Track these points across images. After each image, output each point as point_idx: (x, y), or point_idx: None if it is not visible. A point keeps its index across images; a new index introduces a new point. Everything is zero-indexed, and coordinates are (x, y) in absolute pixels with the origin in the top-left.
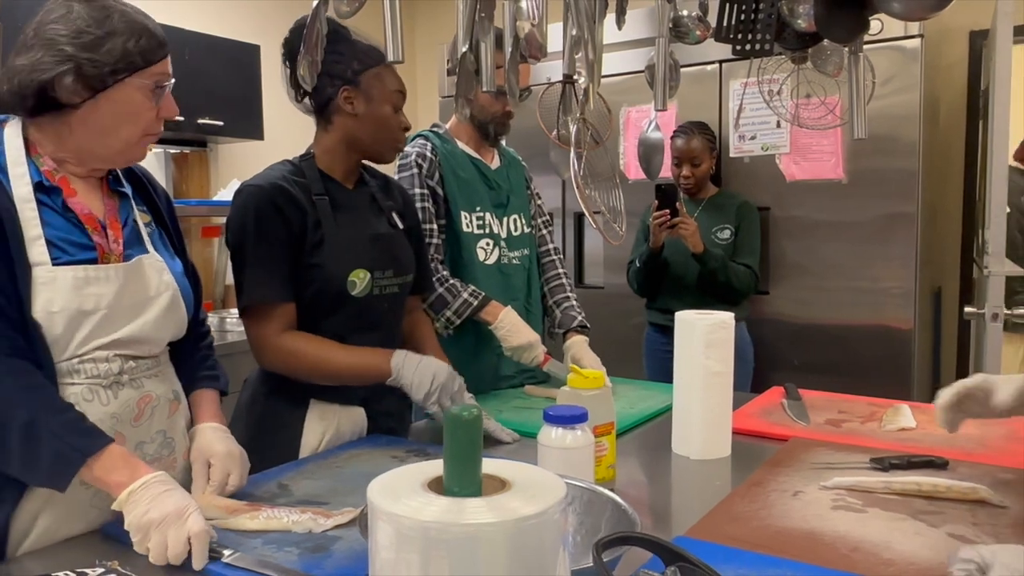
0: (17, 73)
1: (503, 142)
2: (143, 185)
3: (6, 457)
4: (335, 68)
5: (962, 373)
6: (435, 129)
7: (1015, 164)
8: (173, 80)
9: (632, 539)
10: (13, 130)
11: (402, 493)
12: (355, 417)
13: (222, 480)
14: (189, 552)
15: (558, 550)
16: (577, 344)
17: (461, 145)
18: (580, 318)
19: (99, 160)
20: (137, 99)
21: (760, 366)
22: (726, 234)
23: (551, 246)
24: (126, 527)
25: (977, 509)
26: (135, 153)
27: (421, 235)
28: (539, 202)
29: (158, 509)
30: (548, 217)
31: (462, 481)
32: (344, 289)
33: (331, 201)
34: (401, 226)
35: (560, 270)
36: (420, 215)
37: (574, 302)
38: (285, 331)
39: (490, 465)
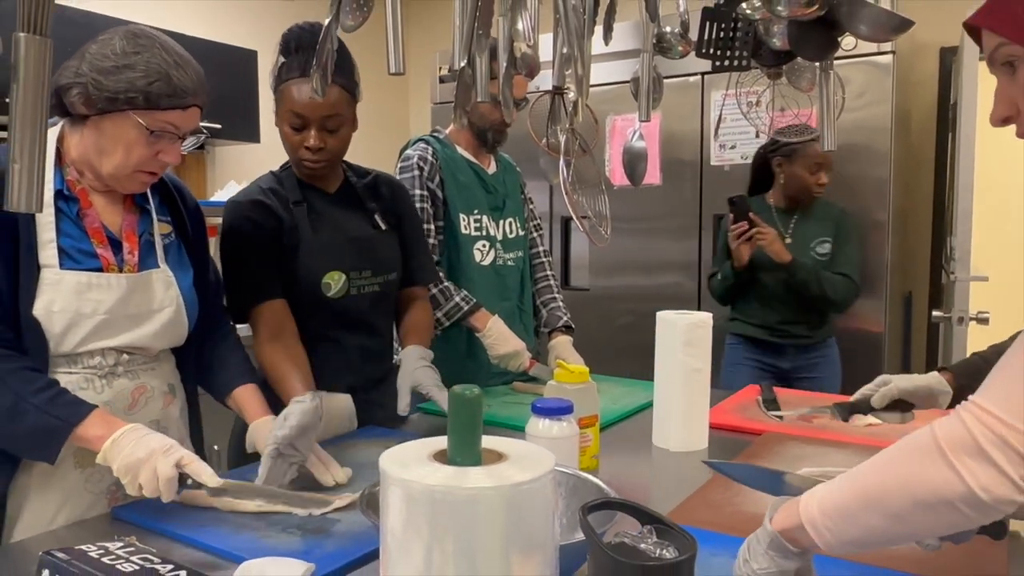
0: (57, 73)
1: (539, 157)
2: (171, 195)
3: None
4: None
5: None
6: (435, 134)
7: None
8: (186, 132)
9: (614, 504)
10: (48, 137)
11: (411, 463)
12: (342, 404)
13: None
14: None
15: (549, 514)
16: (561, 344)
17: (460, 150)
18: (565, 319)
19: (97, 177)
20: (131, 134)
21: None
22: (825, 248)
23: (541, 248)
24: (115, 472)
25: None
26: (127, 183)
27: (417, 228)
28: (531, 206)
29: (143, 448)
30: (539, 221)
31: (464, 452)
32: (319, 291)
33: (309, 207)
34: (384, 226)
35: (548, 272)
36: (419, 215)
37: (560, 303)
38: (269, 339)
39: (489, 440)
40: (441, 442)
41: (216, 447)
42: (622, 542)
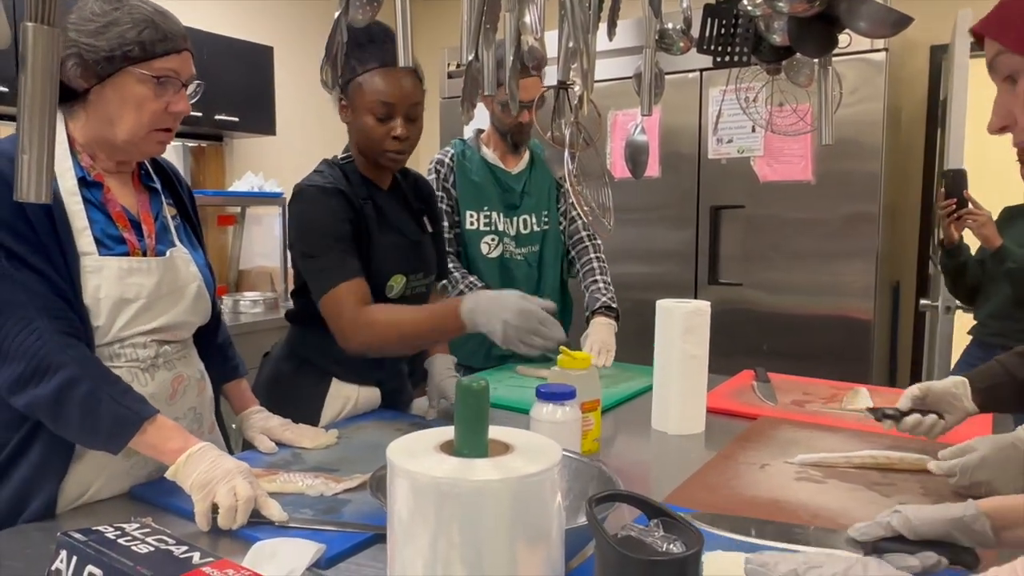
0: None
1: (542, 147)
2: (169, 179)
3: (65, 425)
4: (342, 76)
5: (917, 360)
6: (466, 137)
7: None
8: (187, 79)
9: (620, 496)
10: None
11: (418, 453)
12: (371, 396)
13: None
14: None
15: (555, 505)
16: (595, 327)
17: (486, 151)
18: (604, 299)
19: (112, 150)
20: (138, 91)
21: (732, 351)
22: None
23: (584, 233)
24: (188, 488)
25: (927, 480)
26: (146, 146)
27: (442, 229)
28: (572, 199)
29: (219, 468)
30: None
31: (471, 444)
32: (382, 292)
33: (373, 204)
34: (431, 229)
35: (592, 255)
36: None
37: (602, 285)
38: (360, 307)
39: (496, 431)
40: (448, 433)
41: (233, 425)
42: (628, 536)
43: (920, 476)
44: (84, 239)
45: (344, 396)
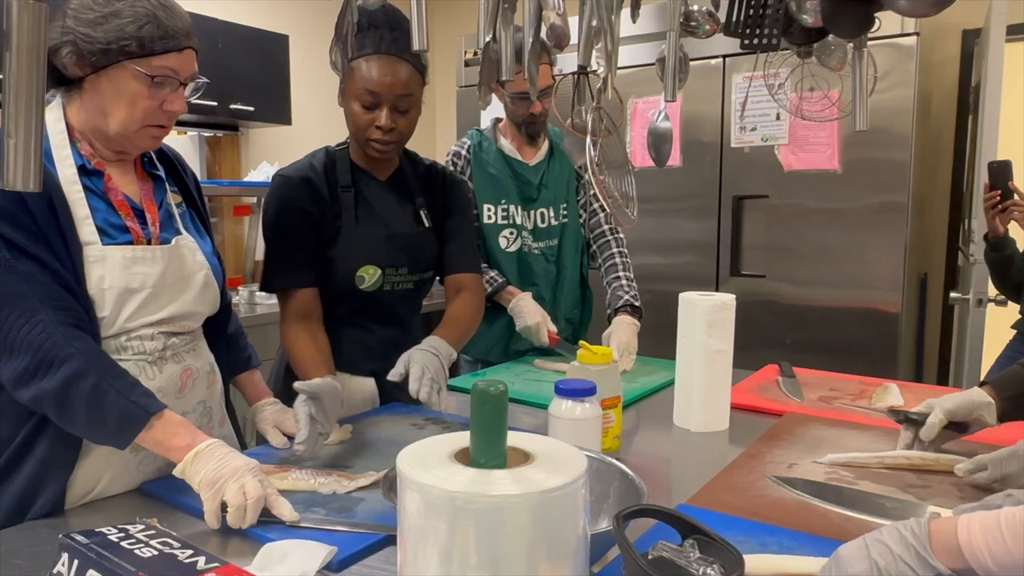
0: None
1: (563, 136)
2: (174, 167)
3: (71, 419)
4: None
5: (944, 355)
6: (483, 127)
7: None
8: (186, 77)
9: (651, 511)
10: (54, 114)
11: (430, 463)
12: (365, 386)
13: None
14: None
15: (579, 521)
16: (615, 325)
17: (504, 142)
18: (626, 298)
19: (106, 140)
20: (132, 86)
21: (755, 344)
22: None
23: (606, 227)
24: (196, 487)
25: (963, 480)
26: (138, 140)
27: (468, 218)
28: (593, 191)
29: (228, 465)
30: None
31: (488, 453)
32: (352, 283)
33: (357, 193)
34: (427, 223)
35: (614, 250)
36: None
37: (624, 282)
38: (295, 319)
39: (514, 438)
40: (463, 439)
41: (248, 417)
42: (661, 556)
43: (956, 476)
44: (86, 228)
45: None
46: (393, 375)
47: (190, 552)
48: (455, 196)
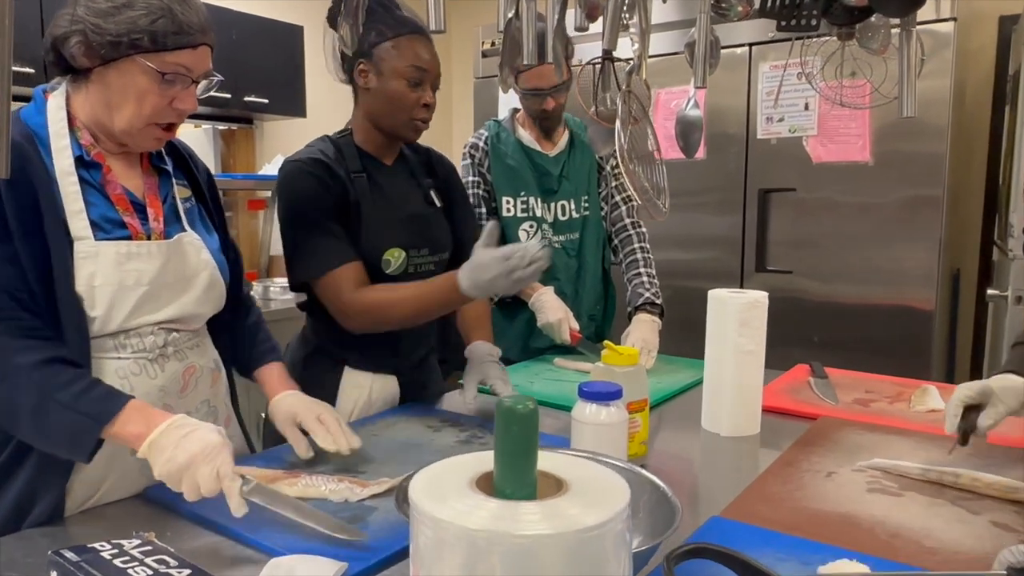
0: (52, 24)
1: (587, 127)
2: (183, 160)
3: (28, 439)
4: (364, 38)
5: (977, 354)
6: (501, 117)
7: None
8: (199, 75)
9: (708, 551)
10: (56, 102)
11: (448, 492)
12: (387, 385)
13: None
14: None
15: (622, 562)
16: (635, 323)
17: (522, 133)
18: (647, 295)
19: (110, 136)
20: (141, 82)
21: (781, 342)
22: None
23: (627, 221)
24: (156, 477)
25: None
26: (141, 140)
27: (469, 207)
28: (615, 183)
29: (184, 452)
30: (629, 193)
31: (515, 481)
32: (378, 267)
33: (368, 178)
34: (439, 204)
35: (635, 245)
36: (472, 200)
37: (645, 279)
38: (358, 289)
39: (545, 460)
40: (487, 461)
41: (263, 414)
42: None
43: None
44: (78, 223)
45: (358, 385)
46: (470, 400)
47: (188, 572)
48: (455, 181)
